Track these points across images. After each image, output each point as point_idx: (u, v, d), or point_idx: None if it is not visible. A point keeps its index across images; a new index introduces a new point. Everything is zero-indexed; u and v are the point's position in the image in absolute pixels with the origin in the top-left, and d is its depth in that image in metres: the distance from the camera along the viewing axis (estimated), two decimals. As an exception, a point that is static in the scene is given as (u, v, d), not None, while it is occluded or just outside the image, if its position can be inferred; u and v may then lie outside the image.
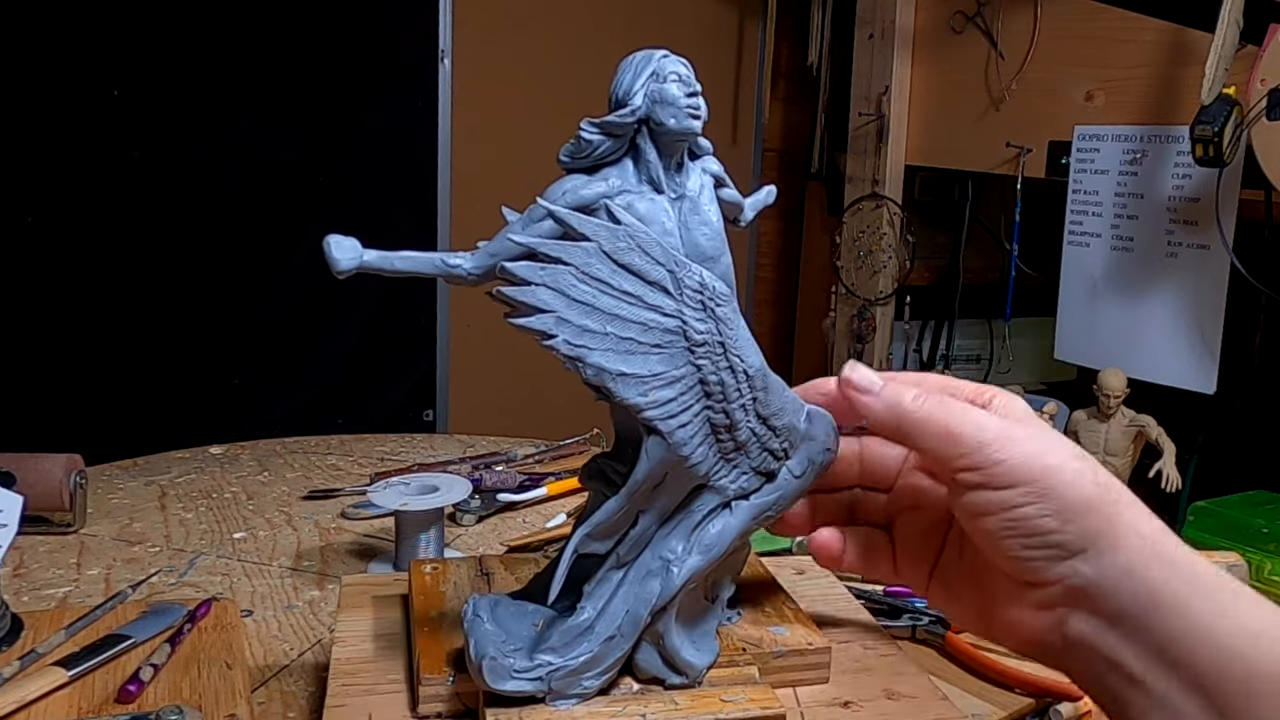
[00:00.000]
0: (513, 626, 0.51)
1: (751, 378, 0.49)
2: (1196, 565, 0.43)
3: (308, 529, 0.98)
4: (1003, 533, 0.45)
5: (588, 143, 0.51)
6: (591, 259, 0.46)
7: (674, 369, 0.47)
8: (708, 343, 0.47)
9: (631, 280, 0.46)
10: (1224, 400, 1.66)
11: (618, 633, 0.49)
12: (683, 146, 0.52)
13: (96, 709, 0.56)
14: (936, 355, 2.26)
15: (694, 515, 0.51)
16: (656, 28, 2.28)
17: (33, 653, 0.61)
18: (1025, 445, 0.45)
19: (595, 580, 0.51)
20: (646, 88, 0.50)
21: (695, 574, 0.51)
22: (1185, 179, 1.57)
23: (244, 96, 1.76)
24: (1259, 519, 1.37)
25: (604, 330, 0.46)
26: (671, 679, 0.52)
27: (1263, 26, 1.35)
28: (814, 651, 0.56)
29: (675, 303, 0.47)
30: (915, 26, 2.05)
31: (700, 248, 0.51)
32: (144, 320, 1.74)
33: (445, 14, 1.94)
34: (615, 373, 0.46)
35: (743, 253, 2.57)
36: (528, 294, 0.45)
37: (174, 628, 0.65)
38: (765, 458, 0.51)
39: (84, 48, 1.62)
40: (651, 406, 0.47)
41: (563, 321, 0.45)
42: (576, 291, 0.45)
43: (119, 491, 1.07)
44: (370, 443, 1.27)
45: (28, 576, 0.85)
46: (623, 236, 0.46)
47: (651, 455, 0.48)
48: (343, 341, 1.91)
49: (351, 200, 1.86)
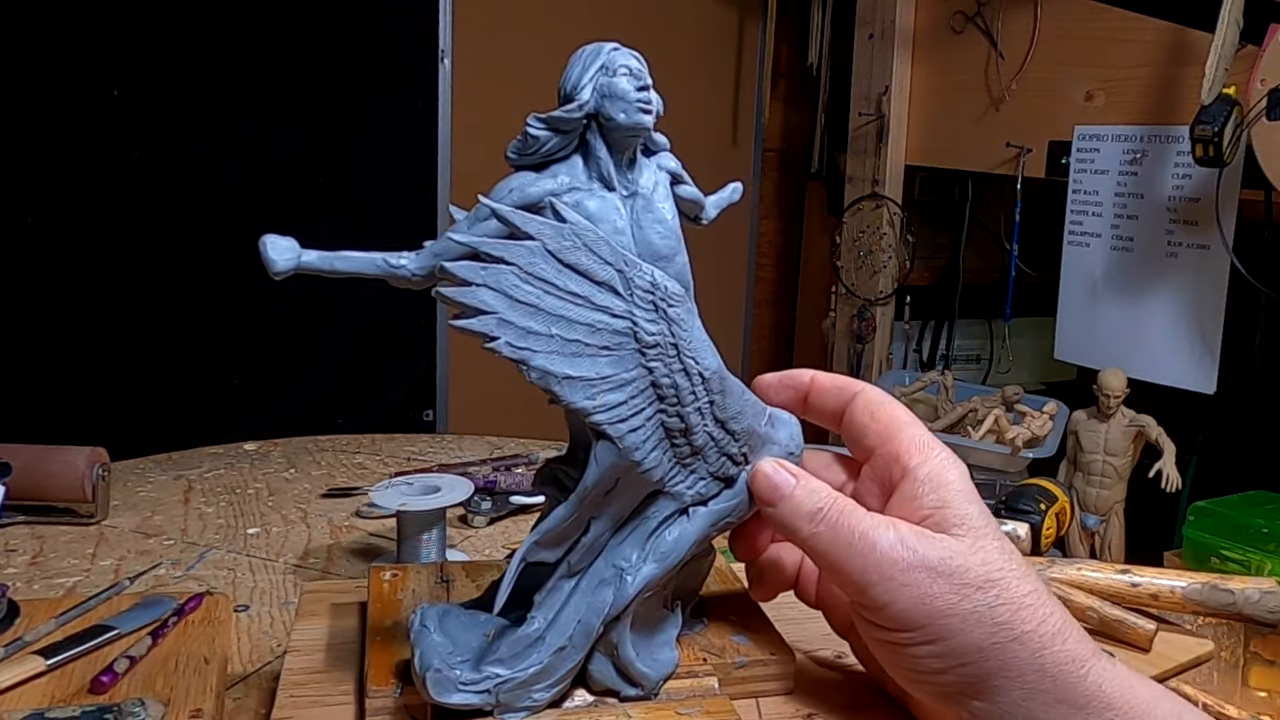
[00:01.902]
0: (462, 637, 0.49)
1: (707, 380, 0.47)
2: (1113, 703, 0.41)
3: (320, 526, 0.98)
4: (895, 665, 0.45)
5: (534, 139, 0.49)
6: (535, 258, 0.44)
7: (624, 371, 0.45)
8: (660, 344, 0.46)
9: (578, 280, 0.45)
10: (1224, 400, 1.66)
11: (569, 643, 0.47)
12: (634, 143, 0.50)
13: (70, 698, 0.57)
14: (936, 355, 2.26)
15: (649, 522, 0.49)
16: (657, 28, 2.28)
17: (19, 640, 0.61)
18: (913, 591, 0.43)
19: (546, 589, 0.49)
20: (595, 81, 0.48)
21: (650, 582, 0.49)
22: (1185, 179, 1.57)
23: (244, 96, 1.76)
24: (1259, 519, 1.37)
25: (549, 332, 0.44)
26: (626, 691, 0.50)
27: (1263, 26, 1.35)
28: (776, 661, 0.54)
29: (625, 303, 0.45)
30: (915, 26, 2.05)
31: (654, 246, 0.49)
32: (144, 320, 1.74)
33: (445, 14, 1.94)
34: (561, 376, 0.44)
35: (743, 253, 2.57)
36: (469, 295, 0.43)
37: (160, 621, 0.65)
38: (724, 463, 0.49)
39: (84, 48, 1.62)
40: (600, 410, 0.45)
41: (505, 323, 0.44)
42: (520, 292, 0.44)
43: (148, 485, 1.08)
44: (400, 442, 1.28)
45: (43, 565, 0.87)
46: (568, 235, 0.45)
47: (601, 461, 0.46)
48: (343, 341, 1.91)
49: (351, 200, 1.86)
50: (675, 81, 0.53)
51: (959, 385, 1.91)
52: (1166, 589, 0.76)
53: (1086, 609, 0.75)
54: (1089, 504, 1.59)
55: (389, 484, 0.88)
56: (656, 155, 0.52)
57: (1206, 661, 0.76)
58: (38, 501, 0.96)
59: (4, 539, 0.92)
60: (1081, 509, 1.59)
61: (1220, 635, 0.84)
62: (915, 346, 2.26)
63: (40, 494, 0.95)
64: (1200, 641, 0.77)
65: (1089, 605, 0.75)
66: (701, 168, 0.57)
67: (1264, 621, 0.74)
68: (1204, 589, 0.75)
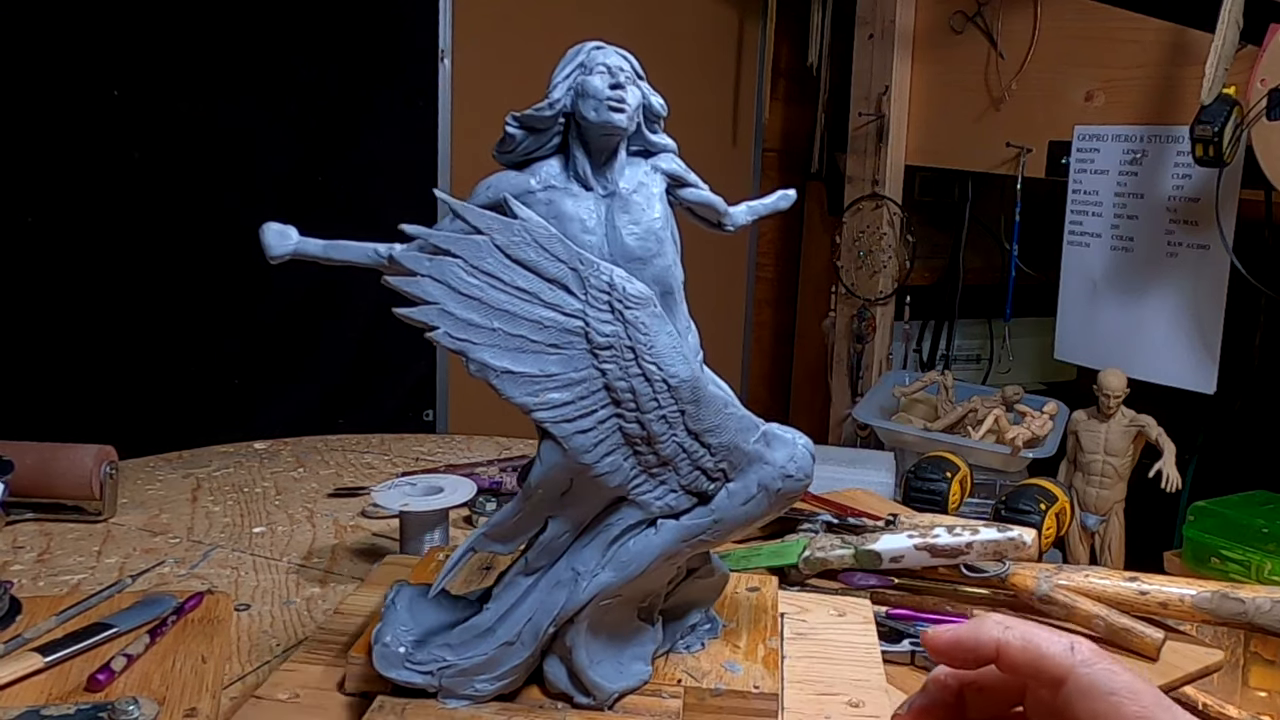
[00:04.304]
0: (426, 619, 0.50)
1: (675, 389, 0.46)
2: None
3: (325, 526, 0.98)
4: None
5: (510, 137, 0.49)
6: (483, 252, 0.44)
7: (571, 371, 0.45)
8: (614, 346, 0.45)
9: (526, 276, 0.44)
10: (1224, 400, 1.66)
11: (517, 639, 0.47)
12: (611, 142, 0.49)
13: (66, 696, 0.57)
14: (936, 355, 2.26)
15: (611, 529, 0.48)
16: (657, 28, 2.28)
17: (19, 637, 0.62)
18: None
19: (503, 584, 0.49)
20: (571, 80, 0.48)
21: (606, 589, 0.48)
22: (1185, 179, 1.57)
23: (244, 96, 1.76)
24: (1259, 519, 1.37)
25: (490, 325, 0.44)
26: (579, 698, 0.49)
27: (1263, 26, 1.35)
28: (759, 696, 0.51)
29: (579, 302, 0.45)
30: (915, 26, 2.05)
31: (627, 248, 0.48)
32: (144, 321, 1.74)
33: (445, 14, 1.94)
34: (500, 370, 0.44)
35: (743, 253, 2.57)
36: (412, 285, 0.44)
37: (159, 619, 0.65)
38: (697, 476, 0.48)
39: (84, 48, 1.62)
40: (542, 408, 0.44)
41: (446, 314, 0.44)
42: (463, 285, 0.44)
43: (157, 483, 1.08)
44: (409, 442, 1.28)
45: (50, 562, 0.87)
46: (518, 231, 0.44)
47: (545, 459, 0.45)
48: (343, 342, 1.91)
49: (351, 200, 1.86)
50: (675, 81, 0.53)
51: (959, 385, 1.91)
52: (1175, 597, 0.75)
53: (1094, 617, 0.74)
54: (1089, 504, 1.59)
55: (393, 484, 0.88)
56: (654, 156, 0.52)
57: (1215, 671, 0.75)
58: (46, 499, 0.96)
59: (12, 536, 0.92)
60: (1081, 509, 1.59)
61: (1220, 636, 0.83)
62: (915, 346, 2.26)
63: (48, 491, 0.95)
64: (1209, 651, 0.75)
65: (1096, 613, 0.74)
66: (702, 168, 0.57)
67: (1275, 631, 0.73)
68: (1214, 597, 0.74)
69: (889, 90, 2.07)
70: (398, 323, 0.46)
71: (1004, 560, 0.81)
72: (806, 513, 0.97)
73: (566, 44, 0.52)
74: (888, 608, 0.81)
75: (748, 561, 0.85)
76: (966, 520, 0.85)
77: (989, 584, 0.81)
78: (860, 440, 2.04)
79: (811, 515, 0.95)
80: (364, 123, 1.88)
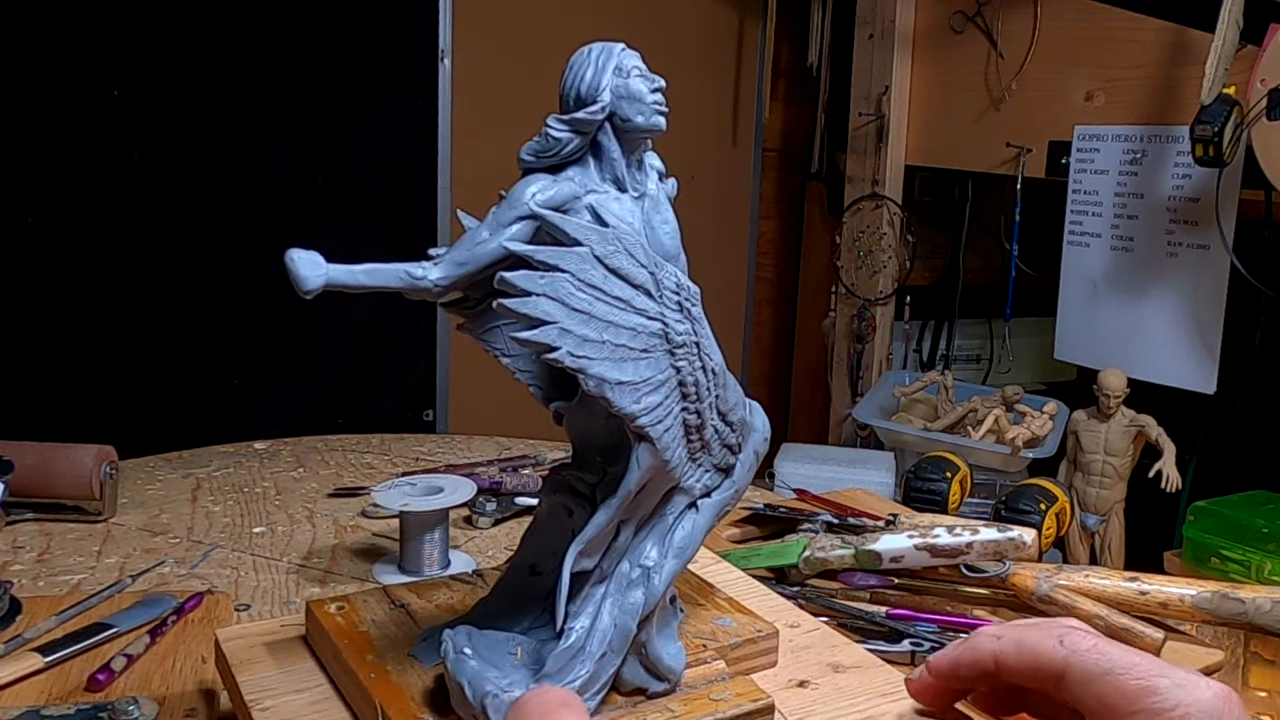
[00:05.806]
0: (493, 657, 0.49)
1: (717, 375, 0.48)
2: None
3: (325, 526, 0.98)
4: None
5: (556, 140, 0.48)
6: (586, 264, 0.43)
7: (658, 373, 0.45)
8: (686, 344, 0.46)
9: (619, 285, 0.44)
10: (1224, 400, 1.66)
11: (609, 649, 0.47)
12: (644, 143, 0.50)
13: (66, 696, 0.57)
14: (936, 355, 2.26)
15: (667, 519, 0.49)
16: (656, 28, 2.28)
17: (19, 637, 0.62)
18: None
19: (580, 598, 0.48)
20: (612, 83, 0.48)
21: (674, 578, 0.49)
22: (1185, 179, 1.57)
23: (244, 96, 1.76)
24: (1259, 519, 1.37)
25: (600, 339, 0.43)
26: (654, 687, 0.50)
27: (1263, 26, 1.35)
28: (765, 638, 0.55)
29: (657, 305, 0.45)
30: (915, 26, 2.05)
31: (664, 246, 0.49)
32: (144, 321, 1.74)
33: (445, 14, 1.94)
34: (614, 382, 0.44)
35: (743, 253, 2.57)
36: (530, 305, 0.42)
37: (159, 619, 0.65)
38: (724, 454, 0.50)
39: (84, 48, 1.62)
40: (644, 413, 0.45)
41: (565, 332, 0.42)
42: (575, 300, 0.43)
43: (157, 483, 1.08)
44: (409, 442, 1.28)
45: (50, 562, 0.87)
46: (611, 239, 0.44)
47: (643, 463, 0.45)
48: (343, 342, 1.91)
49: (351, 200, 1.86)
50: (675, 81, 0.53)
51: (959, 385, 1.91)
52: (1176, 597, 0.75)
53: (1094, 617, 0.74)
54: (1089, 504, 1.59)
55: (393, 484, 0.88)
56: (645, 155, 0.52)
57: (1216, 671, 0.75)
58: (46, 499, 0.96)
59: (12, 536, 0.92)
60: (1081, 509, 1.59)
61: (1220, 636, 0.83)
62: (915, 346, 2.26)
63: (49, 491, 0.96)
64: (1209, 651, 0.76)
65: (1096, 613, 0.74)
66: (702, 168, 0.57)
67: (1275, 631, 0.73)
68: (1214, 598, 0.74)
69: (889, 90, 2.07)
70: (398, 323, 0.46)
71: (1004, 560, 0.81)
72: (806, 513, 0.97)
73: (566, 44, 0.52)
74: (888, 608, 0.81)
75: (748, 562, 0.85)
76: (966, 520, 0.85)
77: (989, 584, 0.82)
78: (860, 440, 2.04)
79: (811, 515, 0.95)
80: (364, 123, 1.88)
